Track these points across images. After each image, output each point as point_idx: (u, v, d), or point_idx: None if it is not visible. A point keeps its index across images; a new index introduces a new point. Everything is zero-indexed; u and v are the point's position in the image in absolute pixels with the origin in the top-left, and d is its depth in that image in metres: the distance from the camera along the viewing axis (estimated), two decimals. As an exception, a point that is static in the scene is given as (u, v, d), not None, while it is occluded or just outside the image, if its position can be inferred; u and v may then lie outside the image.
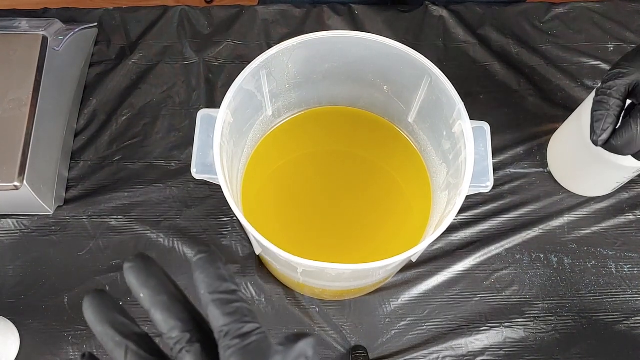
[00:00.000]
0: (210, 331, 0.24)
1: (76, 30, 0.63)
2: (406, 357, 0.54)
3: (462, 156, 0.42)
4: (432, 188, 0.52)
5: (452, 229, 0.59)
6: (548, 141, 0.62)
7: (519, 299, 0.56)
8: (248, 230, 0.39)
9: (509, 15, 0.69)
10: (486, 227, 0.59)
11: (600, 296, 0.56)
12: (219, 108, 0.42)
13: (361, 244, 0.52)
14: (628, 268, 0.57)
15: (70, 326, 0.55)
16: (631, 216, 0.59)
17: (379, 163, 0.54)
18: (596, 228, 0.59)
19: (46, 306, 0.55)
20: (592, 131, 0.43)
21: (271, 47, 0.44)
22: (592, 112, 0.44)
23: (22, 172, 0.53)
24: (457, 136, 0.43)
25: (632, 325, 0.55)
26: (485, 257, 0.58)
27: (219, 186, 0.39)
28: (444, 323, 0.55)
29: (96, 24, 0.68)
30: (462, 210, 0.59)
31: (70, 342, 0.54)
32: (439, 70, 0.43)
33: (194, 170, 0.42)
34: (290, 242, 0.50)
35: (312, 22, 0.69)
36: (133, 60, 0.66)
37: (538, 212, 0.60)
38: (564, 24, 0.69)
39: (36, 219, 0.59)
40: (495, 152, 0.62)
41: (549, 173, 0.61)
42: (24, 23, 0.60)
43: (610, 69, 0.44)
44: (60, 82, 0.60)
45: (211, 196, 0.60)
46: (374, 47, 0.45)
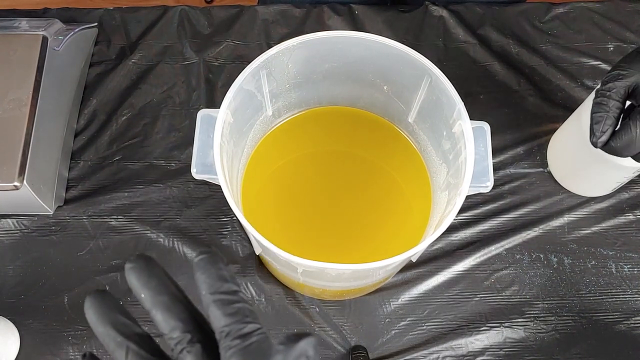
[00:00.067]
0: (211, 332, 0.24)
1: (76, 30, 0.63)
2: (406, 357, 0.54)
3: (462, 156, 0.42)
4: (432, 188, 0.52)
5: (452, 229, 0.59)
6: (548, 141, 0.62)
7: (519, 299, 0.56)
8: (248, 230, 0.39)
9: (509, 15, 0.69)
10: (486, 227, 0.59)
11: (600, 296, 0.56)
12: (219, 108, 0.42)
13: (361, 244, 0.52)
14: (628, 268, 0.57)
15: (70, 326, 0.55)
16: (631, 216, 0.59)
17: (379, 163, 0.54)
18: (596, 228, 0.59)
19: (46, 306, 0.55)
20: (592, 133, 0.43)
21: (271, 47, 0.44)
22: (592, 113, 0.44)
23: (22, 172, 0.53)
24: (457, 136, 0.43)
25: (632, 325, 0.55)
26: (485, 257, 0.58)
27: (219, 186, 0.40)
28: (444, 323, 0.55)
29: (96, 24, 0.68)
30: (462, 210, 0.59)
31: (70, 342, 0.54)
32: (439, 70, 0.43)
33: (194, 170, 0.42)
34: (290, 242, 0.50)
35: (312, 22, 0.69)
36: (133, 60, 0.66)
37: (538, 212, 0.60)
38: (564, 24, 0.69)
39: (36, 219, 0.59)
40: (495, 152, 0.62)
41: (549, 173, 0.61)
42: (24, 23, 0.60)
43: (609, 71, 0.44)
44: (60, 82, 0.60)
45: (211, 196, 0.60)
46: (374, 47, 0.45)
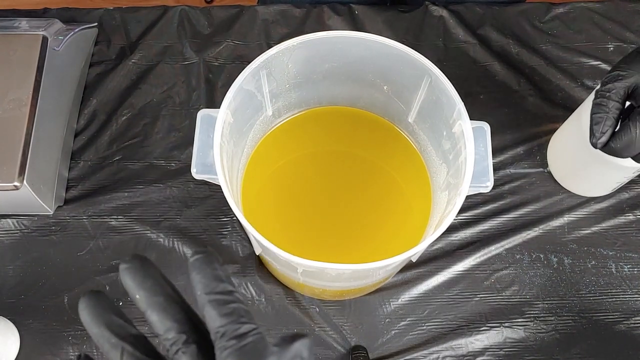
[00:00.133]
0: (206, 332, 0.24)
1: (76, 30, 0.63)
2: (406, 357, 0.54)
3: (462, 156, 0.42)
4: (432, 188, 0.52)
5: (452, 229, 0.59)
6: (548, 141, 0.62)
7: (519, 299, 0.56)
8: (248, 230, 0.39)
9: (509, 15, 0.69)
10: (486, 227, 0.59)
11: (600, 296, 0.56)
12: (219, 108, 0.42)
13: (361, 244, 0.52)
14: (628, 268, 0.57)
15: (70, 326, 0.55)
16: (631, 216, 0.59)
17: (379, 163, 0.54)
18: (596, 228, 0.59)
19: (46, 306, 0.55)
20: (592, 134, 0.43)
21: (271, 47, 0.44)
22: (592, 114, 0.44)
23: (22, 172, 0.53)
24: (457, 136, 0.43)
25: (632, 325, 0.55)
26: (485, 257, 0.58)
27: (219, 186, 0.39)
28: (444, 323, 0.55)
29: (96, 24, 0.68)
30: (462, 210, 0.59)
31: (70, 342, 0.54)
32: (439, 70, 0.43)
33: (194, 170, 0.42)
34: (290, 242, 0.50)
35: (312, 22, 0.69)
36: (133, 60, 0.66)
37: (538, 212, 0.60)
38: (564, 24, 0.69)
39: (36, 219, 0.59)
40: (495, 152, 0.62)
41: (549, 173, 0.61)
42: (24, 23, 0.60)
43: (609, 71, 0.44)
44: (60, 82, 0.60)
45: (211, 196, 0.60)
46: (374, 47, 0.45)
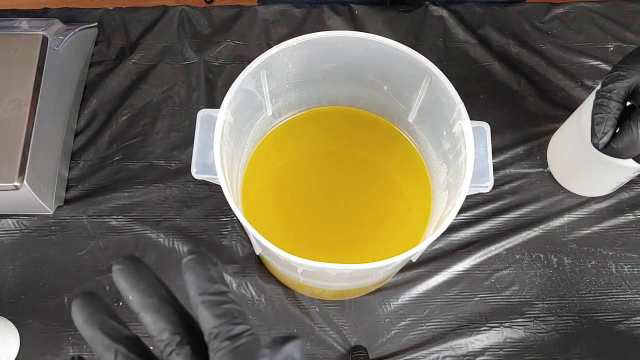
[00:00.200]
0: (200, 333, 0.23)
1: (76, 30, 0.63)
2: (406, 357, 0.54)
3: (462, 156, 0.42)
4: (432, 188, 0.52)
5: (452, 229, 0.59)
6: (548, 141, 0.62)
7: (519, 299, 0.56)
8: (248, 230, 0.39)
9: (509, 15, 0.69)
10: (486, 227, 0.59)
11: (600, 296, 0.56)
12: (219, 108, 0.42)
13: (361, 244, 0.52)
14: (628, 268, 0.57)
15: (70, 326, 0.55)
16: (631, 216, 0.59)
17: (379, 163, 0.54)
18: (596, 228, 0.59)
19: (46, 306, 0.55)
20: (593, 134, 0.43)
21: (271, 47, 0.44)
22: (593, 115, 0.43)
23: (22, 172, 0.53)
24: (457, 136, 0.43)
25: (632, 325, 0.55)
26: (485, 257, 0.58)
27: (219, 186, 0.39)
28: (444, 323, 0.55)
29: (96, 24, 0.68)
30: (462, 210, 0.59)
31: (70, 342, 0.54)
32: (439, 70, 0.43)
33: (194, 170, 0.42)
34: (290, 242, 0.50)
35: (312, 22, 0.69)
36: (133, 60, 0.66)
37: (538, 212, 0.60)
38: (564, 24, 0.69)
39: (36, 219, 0.59)
40: (495, 152, 0.62)
41: (549, 173, 0.61)
42: (24, 23, 0.60)
43: (609, 72, 0.44)
44: (60, 82, 0.60)
45: (211, 196, 0.60)
46: (374, 47, 0.45)
